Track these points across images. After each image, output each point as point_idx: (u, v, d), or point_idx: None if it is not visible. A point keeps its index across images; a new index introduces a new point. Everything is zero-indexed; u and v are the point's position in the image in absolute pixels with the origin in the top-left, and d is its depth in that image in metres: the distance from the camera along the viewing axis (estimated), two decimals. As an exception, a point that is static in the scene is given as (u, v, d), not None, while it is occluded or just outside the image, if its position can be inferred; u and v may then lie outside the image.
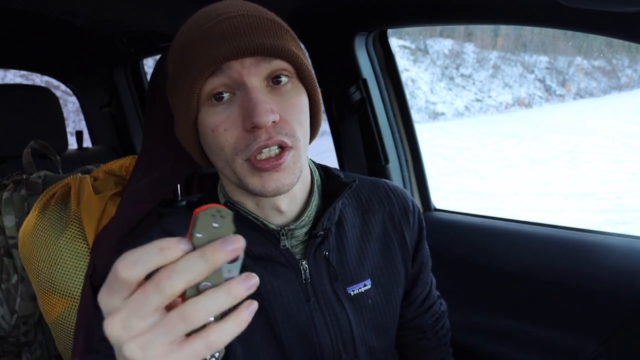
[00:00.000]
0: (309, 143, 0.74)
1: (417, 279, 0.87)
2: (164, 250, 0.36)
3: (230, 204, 0.72)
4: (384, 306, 0.79)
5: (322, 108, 0.74)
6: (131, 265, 0.35)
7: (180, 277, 0.35)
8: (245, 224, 0.71)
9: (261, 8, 0.68)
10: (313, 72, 0.69)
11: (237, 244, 0.36)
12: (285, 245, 0.72)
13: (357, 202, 0.82)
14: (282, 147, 0.64)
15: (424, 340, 0.89)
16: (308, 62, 0.69)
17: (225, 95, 0.63)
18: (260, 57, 0.62)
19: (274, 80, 0.64)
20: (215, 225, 0.37)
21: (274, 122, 0.62)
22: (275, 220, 0.72)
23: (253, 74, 0.62)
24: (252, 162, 0.64)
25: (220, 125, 0.63)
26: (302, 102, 0.67)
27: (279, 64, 0.64)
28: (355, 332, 0.75)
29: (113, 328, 0.36)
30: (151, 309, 0.36)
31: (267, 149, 0.63)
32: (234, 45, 0.61)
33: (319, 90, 0.71)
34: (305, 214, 0.73)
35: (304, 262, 0.73)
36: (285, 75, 0.65)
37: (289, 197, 0.71)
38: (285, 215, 0.72)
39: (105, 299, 0.37)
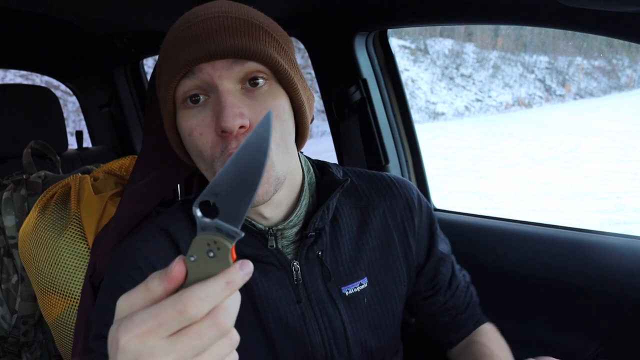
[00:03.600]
0: (300, 149, 0.72)
1: (436, 272, 0.86)
2: (230, 283, 0.36)
3: None
4: (382, 304, 0.78)
5: (308, 110, 0.70)
6: (201, 301, 0.35)
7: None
8: None
9: (245, 8, 0.66)
10: (292, 73, 0.66)
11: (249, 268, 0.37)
12: (273, 246, 0.71)
13: (355, 199, 0.80)
14: None
15: (459, 316, 0.89)
16: (288, 63, 0.66)
17: (201, 97, 0.63)
18: (233, 59, 0.61)
19: (251, 82, 0.63)
20: (210, 254, 0.37)
21: (242, 126, 0.60)
22: (262, 222, 0.72)
23: (225, 76, 0.61)
24: None
25: (195, 129, 0.63)
26: (279, 105, 0.64)
27: (252, 66, 0.62)
28: (349, 332, 0.74)
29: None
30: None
31: None
32: (205, 47, 0.60)
33: (301, 92, 0.67)
34: (294, 214, 0.72)
35: (295, 263, 0.72)
36: (262, 78, 0.63)
37: (271, 205, 0.70)
38: (270, 220, 0.72)
39: (151, 335, 0.36)
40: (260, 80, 0.63)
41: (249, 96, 0.63)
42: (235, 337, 0.38)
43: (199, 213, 0.37)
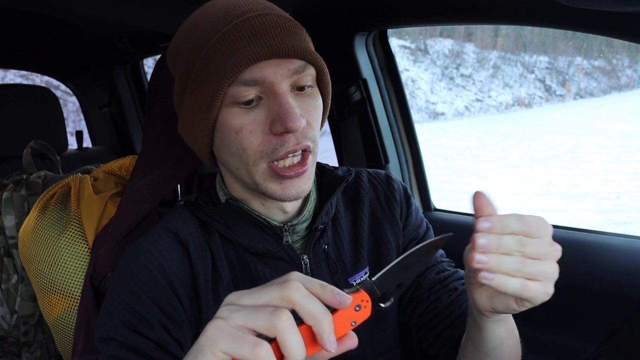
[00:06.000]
0: None
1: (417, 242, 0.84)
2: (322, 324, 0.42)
3: (232, 201, 0.72)
4: None
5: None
6: (302, 296, 0.43)
7: None
8: (248, 221, 0.72)
9: (276, 6, 0.68)
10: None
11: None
12: (287, 242, 0.73)
13: (346, 195, 0.83)
14: (303, 151, 0.65)
15: (445, 296, 0.81)
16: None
17: (253, 98, 0.63)
18: (294, 68, 0.63)
19: (299, 87, 0.65)
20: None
21: (303, 126, 0.63)
22: (278, 218, 0.73)
23: (285, 80, 0.63)
24: (274, 169, 0.64)
25: (245, 127, 0.63)
26: (320, 105, 0.69)
27: (308, 72, 0.65)
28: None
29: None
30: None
31: (291, 155, 0.64)
32: (267, 45, 0.61)
33: (330, 93, 0.72)
34: (306, 209, 0.74)
35: (304, 257, 0.74)
36: (309, 85, 0.66)
37: None
38: (288, 213, 0.74)
39: (245, 295, 0.45)
40: (308, 87, 0.66)
41: (298, 99, 0.65)
42: (262, 347, 0.40)
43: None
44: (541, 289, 0.55)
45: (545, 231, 0.56)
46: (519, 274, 0.52)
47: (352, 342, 0.45)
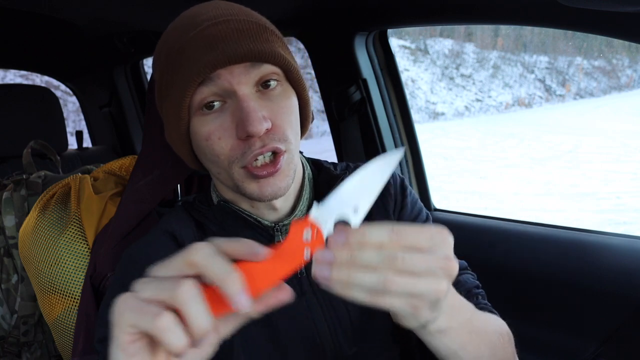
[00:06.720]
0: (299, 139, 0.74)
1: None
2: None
3: (223, 203, 0.72)
4: None
5: (312, 107, 0.75)
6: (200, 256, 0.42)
7: None
8: (239, 221, 0.72)
9: (246, 9, 0.68)
10: (301, 73, 0.69)
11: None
12: (279, 241, 0.72)
13: None
14: (276, 152, 0.65)
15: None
16: (296, 63, 0.69)
17: (216, 104, 0.63)
18: (249, 63, 0.62)
19: (263, 84, 0.64)
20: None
21: (267, 129, 0.62)
22: (269, 217, 0.73)
23: (243, 82, 0.62)
24: (249, 170, 0.64)
25: (213, 134, 0.64)
26: (292, 104, 0.68)
27: (268, 68, 0.64)
28: (354, 320, 0.75)
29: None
30: None
31: (262, 156, 0.64)
32: (223, 52, 0.61)
33: (307, 89, 0.71)
34: (298, 209, 0.74)
35: None
36: (275, 80, 0.65)
37: (283, 196, 0.71)
38: (279, 212, 0.73)
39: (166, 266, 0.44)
40: (273, 82, 0.65)
41: (264, 98, 0.65)
42: (163, 317, 0.39)
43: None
44: (403, 307, 0.46)
45: (441, 246, 0.47)
46: (380, 288, 0.44)
47: (282, 295, 0.42)
